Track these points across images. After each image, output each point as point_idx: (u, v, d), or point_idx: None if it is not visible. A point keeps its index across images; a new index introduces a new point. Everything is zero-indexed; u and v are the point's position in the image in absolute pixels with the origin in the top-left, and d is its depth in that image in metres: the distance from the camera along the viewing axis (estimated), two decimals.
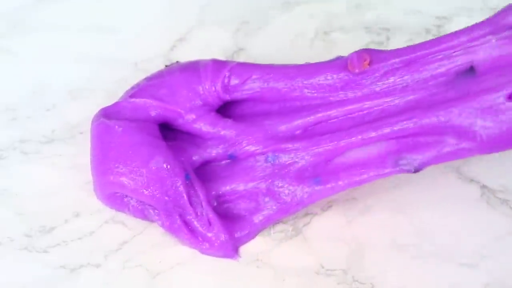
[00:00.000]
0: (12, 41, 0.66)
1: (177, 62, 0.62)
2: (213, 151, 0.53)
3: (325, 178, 0.50)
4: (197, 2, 0.71)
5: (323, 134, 0.51)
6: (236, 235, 0.50)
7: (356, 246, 0.50)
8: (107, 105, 0.54)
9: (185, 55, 0.64)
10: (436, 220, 0.51)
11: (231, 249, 0.50)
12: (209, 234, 0.50)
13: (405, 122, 0.48)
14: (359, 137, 0.49)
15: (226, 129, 0.53)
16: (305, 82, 0.52)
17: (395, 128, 0.49)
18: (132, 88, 0.55)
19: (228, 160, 0.53)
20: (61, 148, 0.57)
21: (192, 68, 0.54)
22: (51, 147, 0.57)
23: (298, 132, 0.52)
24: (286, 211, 0.51)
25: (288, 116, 0.52)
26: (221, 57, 0.57)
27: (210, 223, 0.50)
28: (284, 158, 0.51)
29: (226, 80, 0.52)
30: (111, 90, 0.60)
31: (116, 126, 0.51)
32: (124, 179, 0.50)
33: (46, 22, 0.68)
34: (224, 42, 0.66)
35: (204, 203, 0.50)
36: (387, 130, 0.49)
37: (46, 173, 0.55)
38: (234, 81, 0.52)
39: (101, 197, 0.52)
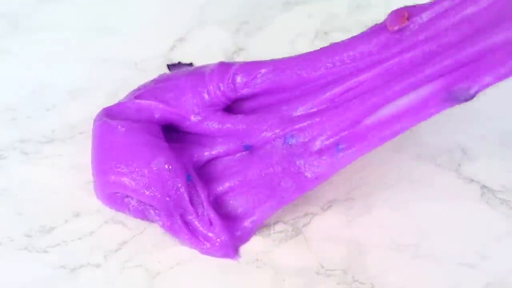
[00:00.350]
0: (12, 41, 0.66)
1: (179, 62, 0.62)
2: (225, 147, 0.53)
3: (349, 144, 0.49)
4: (197, 2, 0.71)
5: (352, 99, 0.50)
6: (237, 234, 0.50)
7: (356, 246, 0.50)
8: (107, 105, 0.54)
9: (185, 55, 0.64)
10: (436, 220, 0.51)
11: (232, 249, 0.50)
12: (210, 234, 0.50)
13: (458, 53, 0.47)
14: (398, 88, 0.49)
15: (236, 124, 0.52)
16: (333, 60, 0.51)
17: (442, 65, 0.47)
18: (138, 89, 0.55)
19: (244, 152, 0.53)
20: (61, 148, 0.57)
21: (198, 73, 0.53)
22: (51, 147, 0.57)
23: (323, 106, 0.51)
24: (304, 188, 0.50)
25: (311, 94, 0.51)
26: (221, 57, 0.57)
27: (211, 223, 0.50)
28: (304, 136, 0.51)
29: (231, 80, 0.52)
30: (111, 90, 0.61)
31: (119, 126, 0.51)
32: (125, 179, 0.50)
33: (46, 22, 0.68)
34: (224, 42, 0.66)
35: (205, 203, 0.50)
36: (431, 71, 0.48)
37: (46, 173, 0.55)
38: (242, 79, 0.52)
39: (101, 197, 0.52)
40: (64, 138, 0.57)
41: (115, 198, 0.51)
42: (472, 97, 0.47)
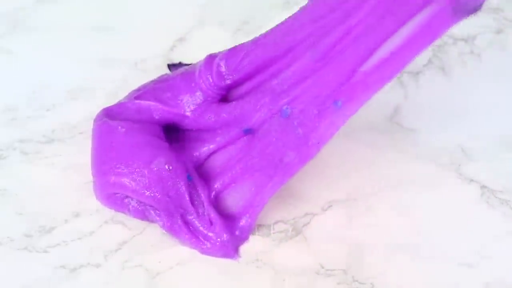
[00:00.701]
0: (12, 41, 0.66)
1: (179, 62, 0.62)
2: (225, 137, 0.52)
3: (348, 97, 0.48)
4: (197, 2, 0.71)
5: (345, 50, 0.48)
6: (236, 234, 0.50)
7: (356, 246, 0.50)
8: (107, 105, 0.55)
9: (185, 55, 0.64)
10: (436, 220, 0.51)
11: (232, 249, 0.50)
12: (210, 234, 0.49)
13: None
14: (394, 20, 0.46)
15: (232, 111, 0.52)
16: (318, 11, 0.49)
17: None
18: (138, 90, 0.55)
19: (244, 138, 0.52)
20: (61, 148, 0.57)
21: (191, 70, 0.54)
22: (51, 147, 0.57)
23: (315, 66, 0.49)
24: (308, 157, 0.50)
25: (300, 58, 0.50)
26: None
27: (211, 223, 0.50)
28: (300, 103, 0.49)
29: (217, 69, 0.52)
30: (111, 90, 0.61)
31: (119, 127, 0.51)
32: (125, 180, 0.50)
33: (46, 22, 0.69)
34: (224, 42, 0.66)
35: (206, 203, 0.50)
36: None
37: (46, 173, 0.55)
38: (228, 65, 0.51)
39: (101, 197, 0.52)
40: (64, 138, 0.57)
41: (114, 198, 0.51)
42: (481, 4, 0.46)
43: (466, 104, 0.59)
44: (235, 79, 0.52)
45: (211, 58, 0.53)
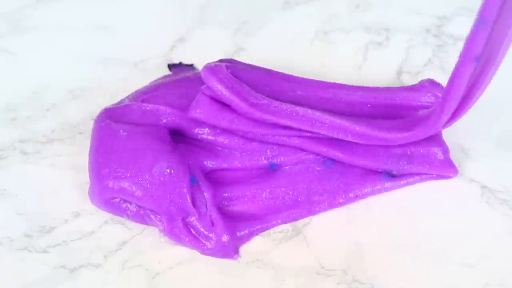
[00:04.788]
0: (12, 41, 0.66)
1: (180, 62, 0.62)
2: (245, 163, 0.53)
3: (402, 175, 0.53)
4: (197, 2, 0.71)
5: None
6: (238, 235, 0.50)
7: (356, 246, 0.50)
8: (107, 105, 0.54)
9: (185, 55, 0.64)
10: (436, 220, 0.51)
11: (232, 249, 0.50)
12: (211, 235, 0.49)
13: None
14: None
15: (263, 145, 0.53)
16: None
17: None
18: (143, 92, 0.54)
19: (264, 169, 0.53)
20: (61, 148, 0.57)
21: None
22: (51, 147, 0.57)
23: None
24: (338, 205, 0.52)
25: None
26: (221, 57, 0.57)
27: (212, 224, 0.49)
28: (349, 165, 0.53)
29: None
30: (111, 90, 0.60)
31: (121, 130, 0.51)
32: (125, 184, 0.49)
33: (46, 22, 0.69)
34: (224, 42, 0.66)
35: (209, 203, 0.50)
36: None
37: (46, 173, 0.55)
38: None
39: (98, 202, 0.51)
40: (64, 138, 0.57)
41: (112, 203, 0.51)
42: None
43: None
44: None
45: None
